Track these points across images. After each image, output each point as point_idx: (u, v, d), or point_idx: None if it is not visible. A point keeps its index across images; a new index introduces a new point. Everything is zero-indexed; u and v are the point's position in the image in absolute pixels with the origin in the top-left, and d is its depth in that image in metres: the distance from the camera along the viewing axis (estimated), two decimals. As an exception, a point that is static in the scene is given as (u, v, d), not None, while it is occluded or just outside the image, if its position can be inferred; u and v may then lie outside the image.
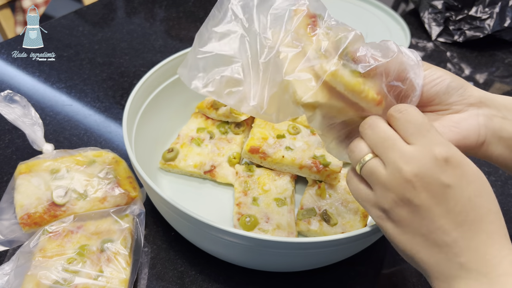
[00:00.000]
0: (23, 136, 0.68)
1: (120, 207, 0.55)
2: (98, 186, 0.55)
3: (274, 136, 0.62)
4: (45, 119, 0.72)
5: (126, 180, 0.58)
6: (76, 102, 0.77)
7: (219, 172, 0.62)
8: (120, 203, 0.56)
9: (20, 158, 0.64)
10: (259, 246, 0.44)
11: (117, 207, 0.55)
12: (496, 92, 0.91)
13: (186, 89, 0.69)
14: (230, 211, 0.60)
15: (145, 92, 0.61)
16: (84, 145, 0.69)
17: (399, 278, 0.56)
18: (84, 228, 0.52)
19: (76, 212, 0.53)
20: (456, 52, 1.00)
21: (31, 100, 0.75)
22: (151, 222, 0.59)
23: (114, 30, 0.95)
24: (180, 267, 0.54)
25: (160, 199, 0.47)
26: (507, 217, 0.65)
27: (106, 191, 0.55)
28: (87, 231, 0.51)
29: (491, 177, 0.71)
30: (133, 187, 0.57)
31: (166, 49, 0.91)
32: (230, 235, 0.44)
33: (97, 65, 0.85)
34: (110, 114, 0.75)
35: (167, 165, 0.63)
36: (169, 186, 0.63)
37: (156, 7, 1.06)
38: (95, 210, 0.54)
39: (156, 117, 0.64)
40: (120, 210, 0.55)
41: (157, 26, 0.99)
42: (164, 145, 0.67)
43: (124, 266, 0.49)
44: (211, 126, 0.67)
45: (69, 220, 0.52)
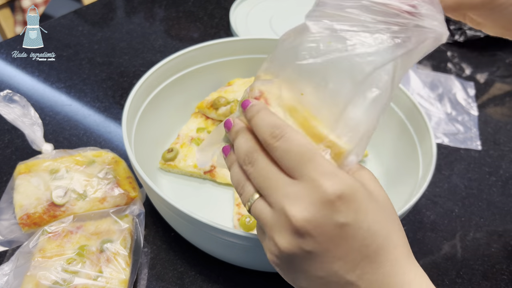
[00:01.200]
0: (22, 136, 0.68)
1: (119, 207, 0.55)
2: (97, 186, 0.55)
3: (274, 136, 0.62)
4: (45, 119, 0.72)
5: (126, 180, 0.58)
6: (75, 102, 0.77)
7: (219, 172, 0.62)
8: (119, 203, 0.55)
9: (20, 158, 0.63)
10: (259, 246, 0.44)
11: (117, 207, 0.55)
12: (497, 92, 0.91)
13: (186, 89, 0.69)
14: (230, 211, 0.59)
15: (144, 92, 0.61)
16: (84, 145, 0.68)
17: (400, 278, 0.56)
18: (83, 229, 0.52)
19: (75, 212, 0.53)
20: (457, 52, 1.00)
21: (31, 100, 0.75)
22: (150, 222, 0.58)
23: (114, 30, 0.95)
24: (180, 267, 0.54)
25: (160, 199, 0.47)
26: (508, 217, 0.65)
27: (106, 191, 0.55)
28: (86, 231, 0.51)
29: (492, 177, 0.71)
30: (133, 187, 0.57)
31: (165, 49, 0.91)
32: (230, 236, 0.44)
33: (96, 65, 0.85)
34: (109, 114, 0.75)
35: (167, 165, 0.63)
36: (169, 186, 0.63)
37: (155, 7, 1.05)
38: (94, 211, 0.54)
39: (155, 117, 0.64)
40: (120, 211, 0.55)
41: (157, 26, 0.98)
42: (163, 145, 0.67)
43: (124, 267, 0.49)
44: (211, 126, 0.67)
45: (68, 221, 0.52)
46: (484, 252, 0.60)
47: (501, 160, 0.74)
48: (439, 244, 0.60)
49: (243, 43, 0.70)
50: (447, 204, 0.66)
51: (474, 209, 0.66)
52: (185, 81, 0.68)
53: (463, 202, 0.66)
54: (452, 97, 0.86)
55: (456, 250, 0.60)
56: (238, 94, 0.67)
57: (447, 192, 0.68)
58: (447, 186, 0.68)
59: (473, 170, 0.72)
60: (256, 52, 0.72)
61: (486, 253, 0.60)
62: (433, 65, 0.95)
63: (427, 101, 0.83)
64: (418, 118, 0.60)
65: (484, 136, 0.79)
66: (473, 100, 0.86)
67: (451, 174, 0.71)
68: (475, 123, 0.81)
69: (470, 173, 0.71)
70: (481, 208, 0.66)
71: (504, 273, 0.57)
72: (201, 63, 0.69)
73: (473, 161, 0.73)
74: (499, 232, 0.63)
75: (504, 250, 0.60)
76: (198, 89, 0.71)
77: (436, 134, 0.77)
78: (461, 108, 0.83)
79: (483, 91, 0.90)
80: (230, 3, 1.06)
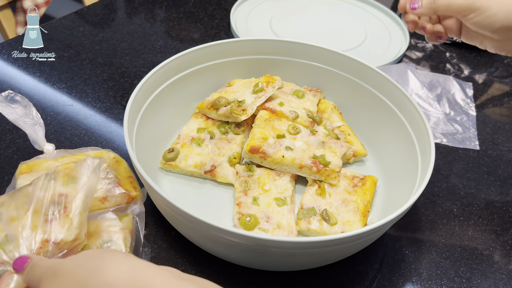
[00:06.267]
0: (24, 136, 0.68)
1: (120, 206, 0.55)
2: (98, 186, 0.56)
3: (274, 136, 0.62)
4: (46, 119, 0.72)
5: (127, 180, 0.58)
6: (77, 102, 0.77)
7: (219, 172, 0.62)
8: (120, 202, 0.56)
9: (21, 158, 0.64)
10: (259, 245, 0.45)
11: (117, 206, 0.55)
12: (495, 92, 0.91)
13: (186, 90, 0.70)
14: (230, 211, 0.60)
15: (145, 92, 0.62)
16: (85, 145, 0.69)
17: (399, 277, 0.56)
18: (85, 228, 0.52)
19: (77, 211, 0.54)
20: (455, 52, 1.00)
21: (32, 100, 0.75)
22: (151, 222, 0.59)
23: (115, 31, 0.96)
24: (181, 266, 0.54)
25: (160, 198, 0.47)
26: (506, 217, 0.66)
27: (107, 191, 0.55)
28: (87, 230, 0.52)
29: (490, 177, 0.71)
30: (134, 187, 0.57)
31: (166, 50, 0.91)
32: (230, 235, 0.44)
33: (97, 65, 0.85)
34: (111, 114, 0.75)
35: (168, 165, 0.63)
36: (169, 186, 0.63)
37: (156, 8, 1.06)
38: (95, 210, 0.54)
39: (156, 117, 0.65)
40: (120, 210, 0.55)
41: (158, 27, 0.99)
42: (164, 145, 0.67)
43: (125, 266, 0.49)
44: (212, 126, 0.68)
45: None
46: (482, 252, 0.60)
47: (500, 160, 0.74)
48: (438, 243, 0.60)
49: (243, 43, 0.71)
50: (446, 204, 0.66)
51: (473, 208, 0.66)
52: (185, 81, 0.68)
53: (462, 201, 0.67)
54: (450, 97, 0.86)
55: (455, 249, 0.60)
56: (238, 95, 0.67)
57: (445, 191, 0.68)
58: (445, 186, 0.69)
59: (471, 170, 0.72)
60: (256, 53, 0.72)
61: (484, 252, 0.60)
62: (431, 66, 0.96)
63: (426, 102, 0.84)
64: (417, 118, 0.60)
65: (483, 136, 0.79)
66: (471, 100, 0.86)
67: (450, 174, 0.71)
68: (473, 123, 0.81)
69: (469, 173, 0.72)
70: (480, 208, 0.66)
71: (503, 272, 0.58)
72: (201, 63, 0.69)
73: (472, 161, 0.74)
74: (498, 232, 0.63)
75: (503, 250, 0.61)
76: (199, 89, 0.71)
77: (434, 134, 0.77)
78: (460, 108, 0.84)
79: (481, 91, 0.90)
80: (230, 4, 1.07)
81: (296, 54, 0.72)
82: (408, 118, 0.62)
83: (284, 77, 0.73)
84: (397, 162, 0.64)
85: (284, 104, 0.69)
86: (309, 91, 0.73)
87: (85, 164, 0.48)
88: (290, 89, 0.72)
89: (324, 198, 0.59)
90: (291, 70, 0.74)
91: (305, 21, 1.04)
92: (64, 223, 0.44)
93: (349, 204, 0.59)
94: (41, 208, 0.44)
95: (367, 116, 0.70)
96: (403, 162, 0.62)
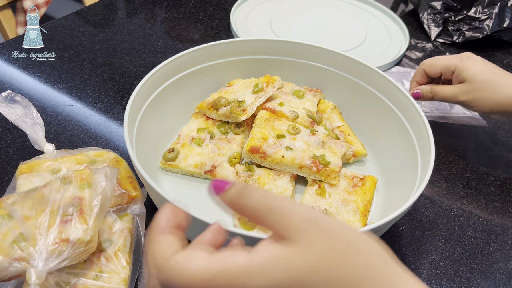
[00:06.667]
0: (24, 136, 0.68)
1: (120, 206, 0.55)
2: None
3: (274, 136, 0.62)
4: (46, 119, 0.72)
5: (127, 180, 0.58)
6: (77, 102, 0.77)
7: (219, 172, 0.62)
8: (120, 202, 0.56)
9: (21, 158, 0.64)
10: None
11: (117, 206, 0.55)
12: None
13: (186, 90, 0.70)
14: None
15: (146, 92, 0.62)
16: (85, 145, 0.69)
17: (399, 277, 0.56)
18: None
19: (77, 211, 0.54)
20: (455, 53, 1.00)
21: (32, 100, 0.76)
22: (151, 221, 0.59)
23: (115, 31, 0.96)
24: (181, 266, 0.54)
25: (161, 198, 0.48)
26: (506, 217, 0.66)
27: (107, 191, 0.55)
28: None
29: (490, 177, 0.71)
30: (134, 187, 0.57)
31: (166, 50, 0.91)
32: (230, 235, 0.44)
33: (98, 65, 0.85)
34: (111, 114, 0.75)
35: (168, 165, 0.63)
36: (169, 186, 0.63)
37: (156, 8, 1.06)
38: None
39: (156, 118, 0.65)
40: (120, 210, 0.55)
41: (158, 27, 0.99)
42: (164, 145, 0.67)
43: (124, 265, 0.49)
44: (212, 126, 0.68)
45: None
46: (482, 251, 0.60)
47: (500, 160, 0.75)
48: (437, 243, 0.60)
49: (244, 44, 0.71)
50: (446, 204, 0.66)
51: (473, 208, 0.66)
52: (185, 81, 0.68)
53: (462, 201, 0.67)
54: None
55: (455, 249, 0.60)
56: (238, 95, 0.67)
57: (445, 191, 0.68)
58: (445, 186, 0.69)
59: (471, 169, 0.72)
60: (256, 53, 0.72)
61: (484, 252, 0.60)
62: (432, 66, 0.95)
63: (426, 101, 0.84)
64: (417, 118, 0.60)
65: (483, 136, 0.79)
66: (471, 100, 0.86)
67: (450, 174, 0.71)
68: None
69: (469, 173, 0.72)
70: (480, 208, 0.66)
71: (503, 272, 0.58)
72: (201, 64, 0.69)
73: (472, 161, 0.74)
74: (497, 231, 0.63)
75: (502, 249, 0.61)
76: (199, 89, 0.71)
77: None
78: (460, 108, 0.84)
79: (481, 91, 0.90)
80: (230, 4, 1.07)
81: (296, 54, 0.73)
82: (408, 118, 0.62)
83: (284, 77, 0.73)
84: (397, 162, 0.64)
85: (284, 104, 0.69)
86: (309, 91, 0.73)
87: (103, 171, 0.50)
88: (290, 89, 0.72)
89: (324, 198, 0.59)
90: (291, 70, 0.74)
91: (305, 21, 1.04)
92: (81, 224, 0.45)
93: (349, 204, 0.59)
94: (58, 209, 0.45)
95: (367, 116, 0.71)
96: (403, 162, 0.62)
